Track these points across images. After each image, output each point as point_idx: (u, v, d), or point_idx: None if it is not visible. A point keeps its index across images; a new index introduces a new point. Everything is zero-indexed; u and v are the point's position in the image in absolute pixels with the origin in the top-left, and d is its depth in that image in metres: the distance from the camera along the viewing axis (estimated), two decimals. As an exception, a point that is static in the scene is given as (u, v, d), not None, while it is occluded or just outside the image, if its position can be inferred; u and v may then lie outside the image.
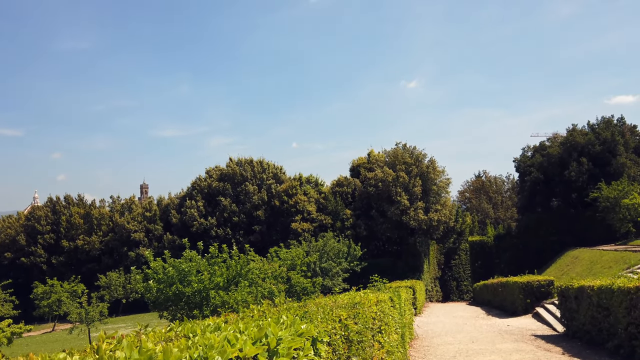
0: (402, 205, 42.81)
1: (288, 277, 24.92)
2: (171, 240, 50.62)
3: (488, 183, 70.23)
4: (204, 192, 53.68)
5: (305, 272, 26.81)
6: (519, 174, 50.84)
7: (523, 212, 51.12)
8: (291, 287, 25.11)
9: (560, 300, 15.02)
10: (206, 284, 16.46)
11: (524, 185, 49.36)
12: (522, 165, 49.45)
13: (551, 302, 20.00)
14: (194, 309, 16.60)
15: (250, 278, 18.18)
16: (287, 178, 53.18)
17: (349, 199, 48.32)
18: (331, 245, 34.70)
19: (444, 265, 48.54)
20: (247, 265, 18.60)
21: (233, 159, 55.85)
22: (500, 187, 70.48)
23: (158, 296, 16.92)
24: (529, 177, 47.44)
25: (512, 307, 23.28)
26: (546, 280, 22.14)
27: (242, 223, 50.70)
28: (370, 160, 48.84)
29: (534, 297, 21.60)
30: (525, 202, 49.59)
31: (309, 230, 44.78)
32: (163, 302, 17.25)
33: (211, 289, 16.48)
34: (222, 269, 17.32)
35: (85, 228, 55.75)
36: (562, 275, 32.58)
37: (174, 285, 16.47)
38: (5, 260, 55.53)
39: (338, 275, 32.94)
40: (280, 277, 23.14)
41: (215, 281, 16.58)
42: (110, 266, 51.10)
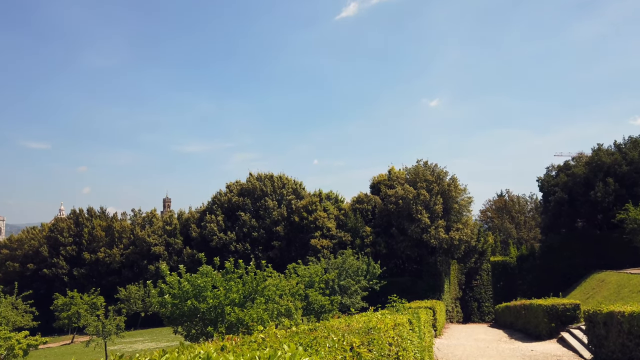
0: (423, 224, 42.22)
1: (306, 295, 24.59)
2: (190, 254, 50.66)
3: (511, 202, 69.03)
4: (224, 206, 53.76)
5: (323, 290, 26.45)
6: (543, 193, 49.87)
7: (547, 233, 50.02)
8: (309, 305, 24.76)
9: (588, 326, 14.42)
10: (221, 299, 16.23)
11: (548, 205, 48.36)
12: (546, 184, 48.51)
13: (577, 327, 19.29)
14: (208, 325, 16.37)
15: (267, 295, 17.90)
16: (307, 194, 53.00)
17: (368, 216, 47.86)
18: (350, 263, 34.26)
19: (465, 285, 47.57)
20: (264, 281, 18.33)
21: (253, 174, 55.96)
22: (524, 207, 69.19)
23: (173, 311, 16.73)
24: (553, 197, 46.46)
25: (536, 331, 22.54)
26: (572, 303, 21.39)
27: (262, 238, 50.55)
28: (391, 177, 48.42)
29: (559, 321, 20.88)
30: (549, 223, 48.51)
31: (328, 247, 44.40)
32: (178, 317, 17.06)
33: (226, 305, 16.25)
34: (238, 284, 17.09)
35: (106, 241, 56.19)
36: (587, 299, 31.60)
37: (189, 301, 16.27)
38: (28, 271, 56.16)
39: (357, 294, 32.43)
40: (297, 295, 22.81)
41: (230, 297, 16.34)
42: (131, 279, 51.30)
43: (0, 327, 23.34)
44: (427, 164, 46.38)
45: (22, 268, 56.76)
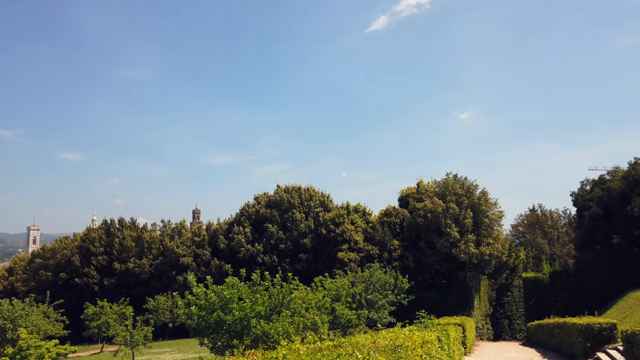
0: (452, 238, 41.53)
1: (332, 308, 24.36)
2: (218, 265, 50.92)
3: (543, 217, 67.45)
4: (252, 218, 53.97)
5: (350, 304, 26.18)
6: (577, 208, 48.59)
7: (581, 249, 48.63)
8: (335, 319, 24.51)
9: (626, 347, 13.84)
10: (247, 312, 16.14)
11: (582, 220, 47.07)
12: (580, 199, 47.27)
13: (614, 348, 18.56)
14: (234, 337, 16.28)
15: (293, 308, 17.76)
16: (335, 206, 52.82)
17: (396, 230, 47.38)
18: (378, 277, 33.88)
19: (496, 301, 46.50)
20: (290, 294, 18.20)
21: (281, 186, 56.09)
22: (557, 222, 67.50)
23: (199, 323, 16.72)
24: (588, 212, 45.20)
25: (570, 350, 21.78)
26: (608, 323, 20.61)
27: (289, 251, 50.49)
28: (420, 190, 47.89)
29: (594, 340, 20.13)
30: (583, 239, 47.18)
31: (355, 260, 44.05)
32: (204, 329, 17.04)
33: (252, 318, 16.16)
34: (264, 297, 16.99)
35: (136, 251, 56.93)
36: (624, 318, 30.48)
37: (215, 312, 16.23)
38: (60, 280, 57.24)
39: (384, 308, 32.00)
40: (324, 308, 22.61)
41: (256, 310, 16.25)
42: (159, 289, 51.78)
43: (32, 335, 23.73)
44: (457, 177, 45.74)
45: (55, 277, 57.91)
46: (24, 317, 31.23)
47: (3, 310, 31.08)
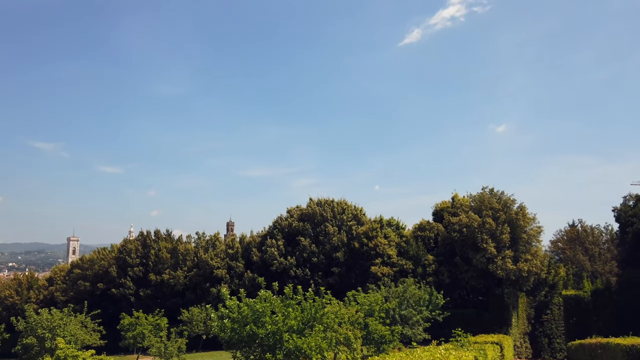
0: (489, 253, 40.64)
1: (365, 323, 24.02)
2: (251, 278, 51.07)
3: (584, 233, 65.39)
4: (285, 231, 54.04)
5: (383, 319, 25.77)
6: (620, 224, 46.92)
7: (624, 267, 46.82)
8: (369, 334, 24.14)
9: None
10: (280, 326, 16.03)
11: (625, 237, 45.41)
12: (623, 215, 45.65)
13: (662, 371, 17.67)
14: (267, 351, 16.18)
15: (326, 322, 17.56)
16: (368, 220, 52.44)
17: (431, 244, 46.66)
18: (412, 292, 33.31)
19: (534, 319, 45.10)
20: (323, 308, 18.02)
21: (313, 199, 56.06)
22: (598, 238, 65.32)
23: (232, 336, 16.70)
24: (631, 229, 43.61)
25: (615, 373, 20.88)
26: (655, 344, 19.70)
27: (321, 264, 50.28)
28: (455, 204, 47.13)
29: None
30: (627, 256, 45.46)
31: (388, 274, 43.51)
32: (237, 342, 17.01)
33: (285, 332, 16.04)
34: (296, 311, 16.86)
35: (171, 262, 57.62)
36: (673, 339, 29.08)
37: (248, 326, 16.19)
38: (98, 290, 58.37)
39: (418, 324, 31.38)
40: (357, 323, 22.33)
41: (289, 324, 16.12)
42: (193, 301, 52.19)
43: (69, 345, 24.14)
44: (493, 191, 44.87)
45: (92, 287, 59.10)
46: (62, 327, 31.88)
47: (42, 319, 31.81)
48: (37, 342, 31.30)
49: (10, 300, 66.06)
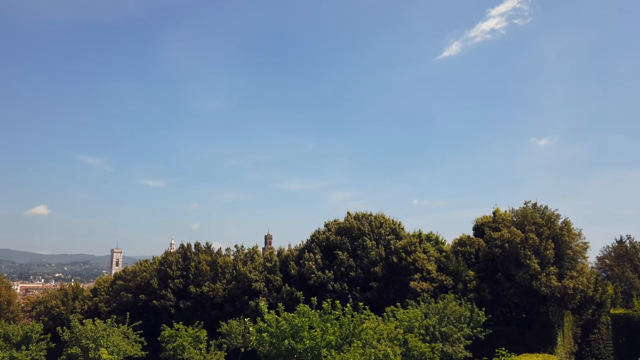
0: (532, 270, 39.50)
1: (405, 340, 23.64)
2: (289, 291, 51.08)
3: (633, 250, 62.78)
4: (322, 245, 53.95)
5: (423, 336, 25.33)
6: (672, 240, 44.95)
7: (678, 285, 44.75)
8: (408, 351, 23.74)
9: None
10: (318, 341, 15.95)
11: (679, 253, 43.44)
12: (675, 230, 43.72)
13: None
14: (305, 367, 16.12)
15: (364, 338, 17.36)
16: (406, 234, 51.82)
17: (472, 260, 45.69)
18: (452, 308, 32.66)
19: (581, 339, 43.50)
20: (361, 324, 17.85)
21: (351, 213, 55.84)
22: (648, 255, 62.64)
23: (270, 350, 16.72)
24: (685, 245, 41.69)
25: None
26: None
27: (359, 278, 49.90)
28: (496, 219, 46.11)
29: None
30: (681, 273, 43.45)
31: (428, 290, 42.78)
32: (275, 356, 17.00)
33: (323, 347, 15.93)
34: (334, 326, 16.75)
35: (211, 275, 58.25)
36: None
37: (286, 340, 16.17)
38: (140, 302, 59.45)
39: (459, 342, 30.69)
40: (396, 340, 21.99)
41: (327, 339, 16.03)
42: (232, 314, 52.52)
43: (112, 355, 24.67)
44: (536, 205, 43.71)
45: (135, 299, 60.25)
46: (105, 338, 32.60)
47: (87, 330, 32.61)
48: (81, 352, 32.06)
49: (57, 310, 68.05)
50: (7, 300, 73.24)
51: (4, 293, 73.60)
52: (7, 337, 36.13)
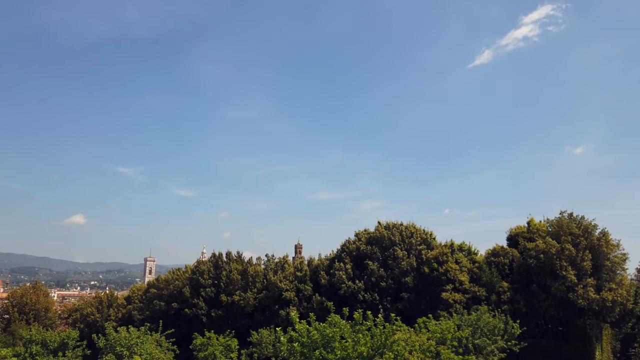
0: (568, 281, 38.49)
1: (437, 352, 23.30)
2: (319, 301, 50.95)
3: (675, 261, 60.69)
4: (352, 255, 53.73)
5: (456, 348, 24.94)
6: None
7: None
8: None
9: None
10: (349, 352, 15.85)
11: None
12: None
13: None
14: (336, 377, 16.01)
15: (396, 350, 17.18)
16: (438, 244, 51.21)
17: (505, 271, 44.80)
18: (485, 320, 32.05)
19: (621, 353, 42.12)
20: (393, 335, 17.66)
21: (381, 223, 55.51)
22: (692, 267, 60.35)
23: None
24: None
25: None
26: None
27: (390, 289, 49.45)
28: (530, 229, 45.18)
29: None
30: None
31: (460, 301, 42.09)
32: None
33: (354, 358, 15.82)
34: (366, 337, 16.62)
35: (241, 284, 58.59)
36: None
37: (317, 351, 16.12)
38: (172, 310, 60.17)
39: (493, 355, 30.08)
40: (428, 352, 21.69)
41: (358, 350, 15.91)
42: (262, 323, 52.66)
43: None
44: (572, 215, 42.70)
45: (167, 307, 61.02)
46: (139, 345, 33.10)
47: (121, 337, 33.17)
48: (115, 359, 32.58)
49: (92, 317, 69.46)
50: (45, 307, 75.10)
51: (42, 300, 75.52)
52: (45, 343, 37.00)
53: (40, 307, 73.94)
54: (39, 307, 73.73)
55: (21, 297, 74.41)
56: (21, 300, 73.58)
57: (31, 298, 73.89)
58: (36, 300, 73.97)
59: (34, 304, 73.32)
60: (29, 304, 73.08)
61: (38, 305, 73.66)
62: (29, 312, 72.31)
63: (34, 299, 74.07)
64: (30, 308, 72.83)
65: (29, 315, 71.90)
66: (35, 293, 75.70)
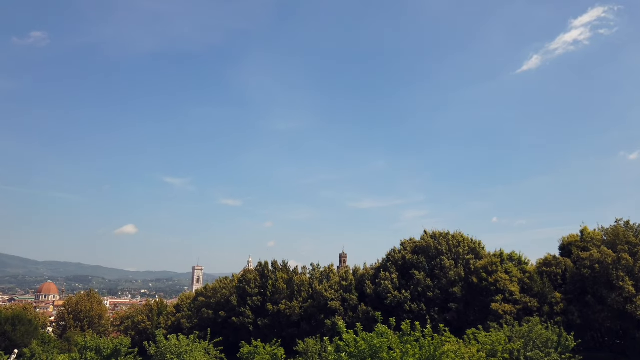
0: (626, 292, 36.88)
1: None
2: (365, 311, 50.62)
3: None
4: (398, 264, 53.20)
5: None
6: None
7: None
8: (491, 376, 22.81)
9: None
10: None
11: None
12: None
13: None
14: (384, 389, 15.85)
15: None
16: (486, 254, 50.08)
17: (558, 281, 43.33)
18: (538, 332, 31.00)
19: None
20: (442, 346, 17.35)
21: (428, 232, 54.80)
22: None
23: (349, 370, 16.58)
24: None
25: None
26: None
27: (437, 299, 48.62)
28: (584, 238, 43.62)
29: None
30: None
31: (511, 312, 40.93)
32: (354, 377, 16.84)
33: (403, 370, 15.63)
34: (414, 348, 16.39)
35: (287, 293, 58.91)
36: None
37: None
38: (220, 318, 61.07)
39: (546, 368, 29.04)
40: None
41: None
42: (308, 332, 52.68)
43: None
44: (629, 224, 41.00)
45: (215, 315, 61.99)
46: (188, 353, 33.62)
47: (171, 345, 33.81)
48: (166, 367, 33.21)
49: (143, 325, 71.36)
50: (99, 314, 77.69)
51: (96, 308, 78.17)
52: (99, 349, 38.07)
53: (94, 314, 76.53)
54: (93, 314, 76.32)
55: (76, 304, 77.21)
56: (76, 308, 76.37)
57: (86, 306, 76.60)
58: (90, 308, 76.62)
59: (88, 312, 75.96)
60: (84, 312, 75.77)
61: (92, 313, 76.26)
62: (83, 319, 74.95)
63: (89, 306, 76.75)
64: (84, 315, 75.50)
65: (84, 322, 74.52)
66: (90, 301, 78.45)
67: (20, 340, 56.81)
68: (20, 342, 56.19)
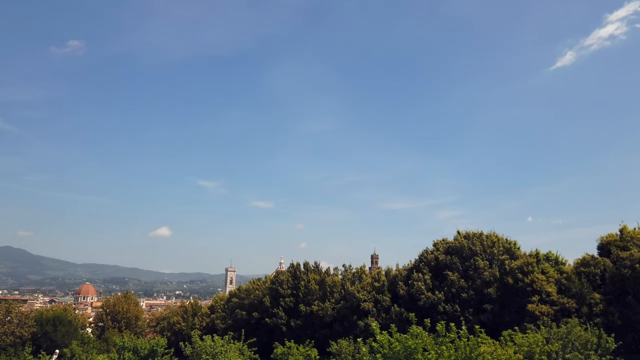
0: (669, 293, 35.71)
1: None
2: (398, 312, 50.32)
3: None
4: (431, 265, 52.71)
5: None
6: None
7: None
8: (528, 379, 22.40)
9: None
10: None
11: None
12: None
13: None
14: (420, 390, 15.75)
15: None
16: (522, 254, 49.15)
17: (597, 281, 42.25)
18: (577, 334, 30.29)
19: None
20: (478, 348, 17.13)
21: (461, 232, 54.13)
22: None
23: (383, 372, 16.54)
24: None
25: None
26: None
27: (472, 300, 47.96)
28: (624, 237, 42.42)
29: None
30: None
31: (548, 313, 40.09)
32: (389, 378, 16.78)
33: (438, 371, 15.50)
34: (450, 350, 16.24)
35: (319, 294, 59.02)
36: None
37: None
38: (253, 319, 61.60)
39: (586, 370, 28.36)
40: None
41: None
42: (341, 333, 52.65)
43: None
44: (671, 221, 39.65)
45: (248, 316, 62.55)
46: (223, 354, 34.00)
47: (206, 346, 34.27)
48: (201, 367, 33.66)
49: (178, 326, 72.50)
50: (135, 315, 79.18)
51: (133, 309, 79.72)
52: (136, 350, 38.85)
53: (131, 315, 78.05)
54: (130, 315, 77.84)
55: (114, 306, 78.91)
56: (114, 309, 78.05)
57: (123, 307, 78.20)
58: (127, 309, 78.17)
59: (125, 313, 77.53)
60: (121, 313, 77.37)
61: (129, 314, 77.79)
62: (121, 320, 76.54)
63: (125, 307, 78.33)
64: (122, 316, 77.09)
65: (121, 323, 76.09)
66: (127, 302, 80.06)
67: (60, 341, 58.41)
68: (61, 343, 57.78)
